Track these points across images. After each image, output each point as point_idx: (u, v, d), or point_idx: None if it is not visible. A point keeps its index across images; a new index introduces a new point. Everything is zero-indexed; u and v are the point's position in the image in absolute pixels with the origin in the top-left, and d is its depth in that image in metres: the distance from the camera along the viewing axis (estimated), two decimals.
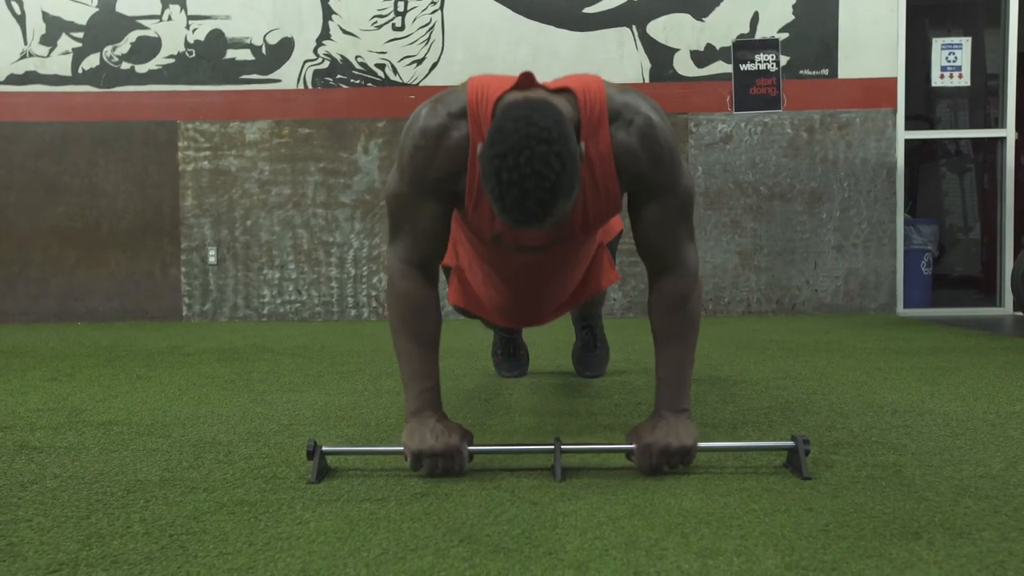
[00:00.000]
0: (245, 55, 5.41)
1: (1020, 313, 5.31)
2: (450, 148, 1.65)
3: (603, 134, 1.63)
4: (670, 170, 1.67)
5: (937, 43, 5.50)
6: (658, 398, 1.73)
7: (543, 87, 1.65)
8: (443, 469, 1.65)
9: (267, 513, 1.44)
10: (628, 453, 1.68)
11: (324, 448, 1.68)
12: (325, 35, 5.40)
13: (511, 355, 2.94)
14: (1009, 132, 5.46)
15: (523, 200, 1.42)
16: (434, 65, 5.40)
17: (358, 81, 5.41)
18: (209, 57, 5.42)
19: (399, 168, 1.71)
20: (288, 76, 5.41)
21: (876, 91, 5.36)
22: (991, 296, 5.74)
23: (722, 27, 5.37)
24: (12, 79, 5.41)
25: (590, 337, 2.91)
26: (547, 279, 2.09)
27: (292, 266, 5.44)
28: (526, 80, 1.63)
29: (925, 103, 6.89)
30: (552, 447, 1.66)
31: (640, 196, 1.70)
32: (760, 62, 5.35)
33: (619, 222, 2.39)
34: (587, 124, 1.61)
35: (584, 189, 1.67)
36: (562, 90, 1.64)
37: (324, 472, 1.68)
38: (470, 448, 1.68)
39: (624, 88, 1.70)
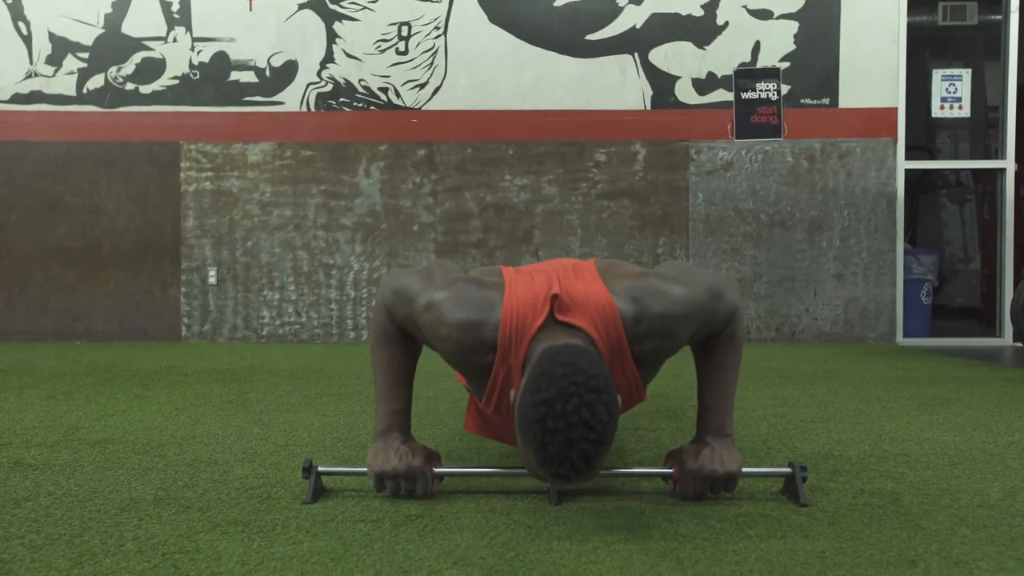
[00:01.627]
0: (249, 77, 5.44)
1: (1019, 344, 5.30)
2: (471, 363, 1.61)
3: (624, 354, 1.60)
4: (697, 315, 1.63)
5: (937, 74, 5.53)
6: (701, 423, 1.71)
7: (562, 323, 1.59)
8: (406, 490, 1.64)
9: (261, 533, 1.43)
10: (666, 478, 1.67)
11: (320, 468, 1.68)
12: (329, 58, 5.44)
13: None
14: (1009, 163, 5.48)
15: (567, 451, 1.33)
16: (437, 89, 5.43)
17: (361, 104, 5.44)
18: (213, 79, 5.45)
19: (419, 305, 1.64)
20: (291, 98, 5.44)
21: (877, 121, 5.38)
22: (991, 327, 5.73)
23: (724, 56, 5.40)
24: (17, 98, 5.44)
25: None
26: None
27: (292, 288, 5.45)
28: (554, 309, 1.58)
29: (925, 133, 6.92)
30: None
31: (686, 343, 1.69)
32: (761, 91, 5.38)
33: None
34: (608, 355, 1.58)
35: None
36: (575, 327, 1.58)
37: (319, 493, 1.67)
38: (437, 470, 1.68)
39: (625, 284, 1.64)
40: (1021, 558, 1.31)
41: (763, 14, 5.39)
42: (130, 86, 5.44)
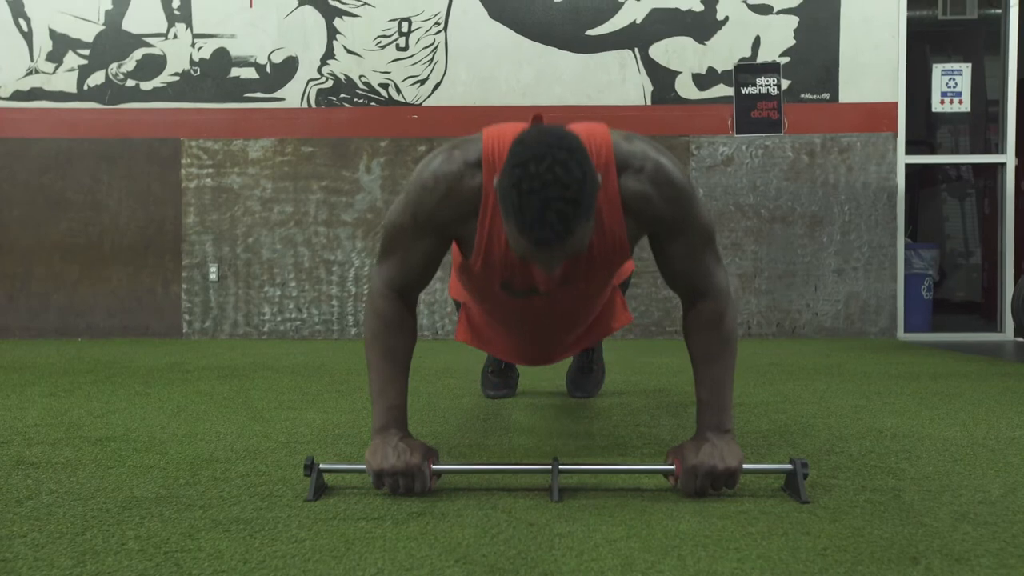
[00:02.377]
0: (249, 73, 5.44)
1: (1021, 339, 5.30)
2: (462, 195, 1.65)
3: (611, 180, 1.63)
4: (688, 207, 1.67)
5: (937, 69, 5.53)
6: (700, 419, 1.72)
7: None
8: (404, 488, 1.65)
9: (263, 531, 1.43)
10: (667, 474, 1.68)
11: (321, 465, 1.68)
12: (329, 55, 5.43)
13: (501, 373, 2.93)
14: (1009, 158, 5.48)
15: (545, 213, 1.40)
16: (437, 85, 5.43)
17: (361, 100, 5.44)
18: (213, 75, 5.45)
19: (405, 202, 1.70)
20: (292, 95, 5.44)
21: (877, 116, 5.38)
22: (992, 321, 5.73)
23: (724, 51, 5.39)
24: (18, 95, 5.44)
25: (587, 359, 2.91)
26: (556, 323, 2.07)
27: (293, 284, 5.45)
28: (537, 121, 1.63)
29: (926, 128, 6.91)
30: (550, 467, 1.66)
31: (661, 236, 1.71)
32: (761, 86, 5.37)
33: (630, 264, 2.38)
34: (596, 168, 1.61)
35: (594, 238, 1.67)
36: None
37: (321, 490, 1.67)
38: (435, 467, 1.68)
39: (629, 135, 1.70)
40: (1023, 554, 1.31)
41: (763, 9, 5.38)
42: (131, 83, 5.44)
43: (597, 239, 1.68)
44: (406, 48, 5.43)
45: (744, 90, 5.38)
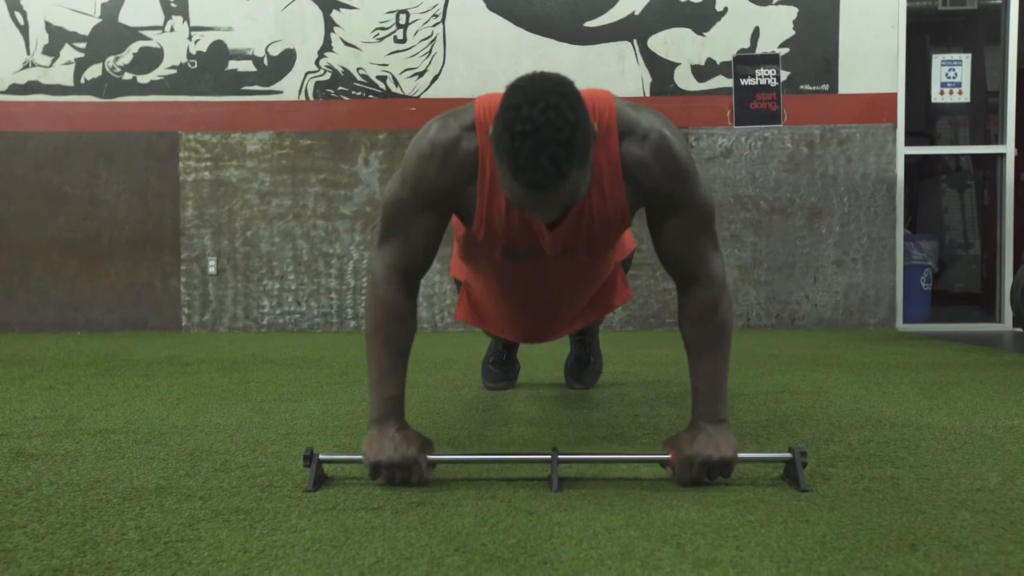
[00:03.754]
0: (247, 66, 5.43)
1: (1019, 329, 5.30)
2: (459, 160, 1.65)
3: (612, 143, 1.63)
4: (686, 183, 1.66)
5: (937, 59, 5.52)
6: (696, 409, 1.72)
7: None
8: (400, 480, 1.65)
9: (263, 521, 1.44)
10: (664, 463, 1.68)
11: (321, 456, 1.68)
12: (327, 47, 5.42)
13: (502, 364, 2.93)
14: (1009, 148, 5.47)
15: (537, 156, 1.40)
16: (435, 78, 5.42)
17: (359, 93, 5.43)
18: (211, 68, 5.44)
19: (402, 176, 1.70)
20: (290, 88, 5.43)
21: (876, 107, 5.37)
22: (991, 312, 5.73)
23: (723, 42, 5.39)
24: (14, 89, 5.43)
25: (585, 351, 2.91)
26: (558, 295, 2.07)
27: (292, 277, 5.45)
28: None
29: (925, 119, 6.91)
30: (549, 456, 1.66)
31: (658, 211, 1.70)
32: (760, 77, 5.36)
33: (632, 241, 2.38)
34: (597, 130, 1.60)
35: (590, 194, 1.66)
36: None
37: (321, 481, 1.67)
38: (431, 457, 1.69)
39: (636, 104, 1.70)
40: (1020, 541, 1.32)
41: (762, 0, 5.37)
42: (128, 76, 5.43)
43: (598, 202, 1.67)
44: (404, 40, 5.42)
45: (743, 81, 5.37)
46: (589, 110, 1.56)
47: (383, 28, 5.42)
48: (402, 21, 5.42)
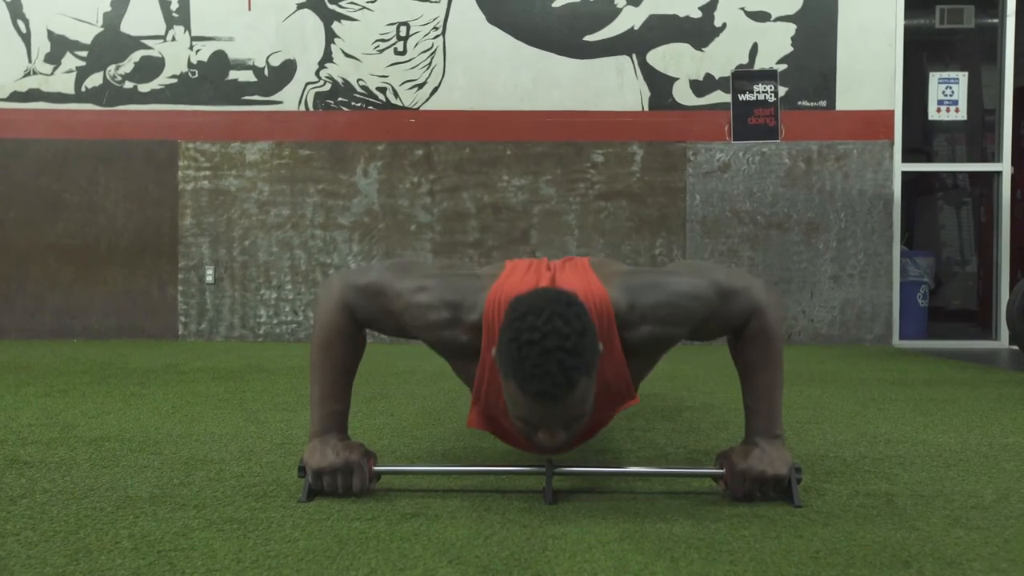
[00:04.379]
0: (247, 76, 5.44)
1: (1015, 347, 5.31)
2: (446, 343, 1.65)
3: (614, 342, 1.61)
4: (699, 309, 1.64)
5: (934, 77, 5.54)
6: (749, 425, 1.70)
7: None
8: (343, 486, 1.65)
9: (256, 531, 1.44)
10: (716, 477, 1.68)
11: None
12: (327, 58, 5.44)
13: None
14: (1005, 166, 5.49)
15: (545, 362, 1.37)
16: (435, 90, 5.44)
17: (359, 104, 5.44)
18: (211, 78, 5.45)
19: (394, 291, 1.68)
20: (289, 98, 5.44)
21: (873, 123, 5.39)
22: (987, 329, 5.74)
23: (721, 57, 5.41)
24: (15, 96, 5.44)
25: None
26: None
27: (289, 287, 5.45)
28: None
29: (922, 136, 6.93)
30: (543, 469, 1.66)
31: (690, 336, 1.70)
32: (759, 92, 5.38)
33: None
34: (599, 333, 1.57)
35: (596, 392, 1.61)
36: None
37: (315, 492, 1.67)
38: (377, 468, 1.69)
39: (618, 276, 1.67)
40: (1014, 559, 1.32)
41: (761, 16, 5.39)
42: (128, 85, 5.44)
43: (601, 393, 1.63)
44: (404, 52, 5.44)
45: (741, 97, 5.39)
46: (591, 312, 1.54)
47: (383, 40, 5.44)
48: (402, 33, 5.44)
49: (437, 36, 5.43)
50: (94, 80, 5.44)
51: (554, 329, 1.38)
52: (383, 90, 5.43)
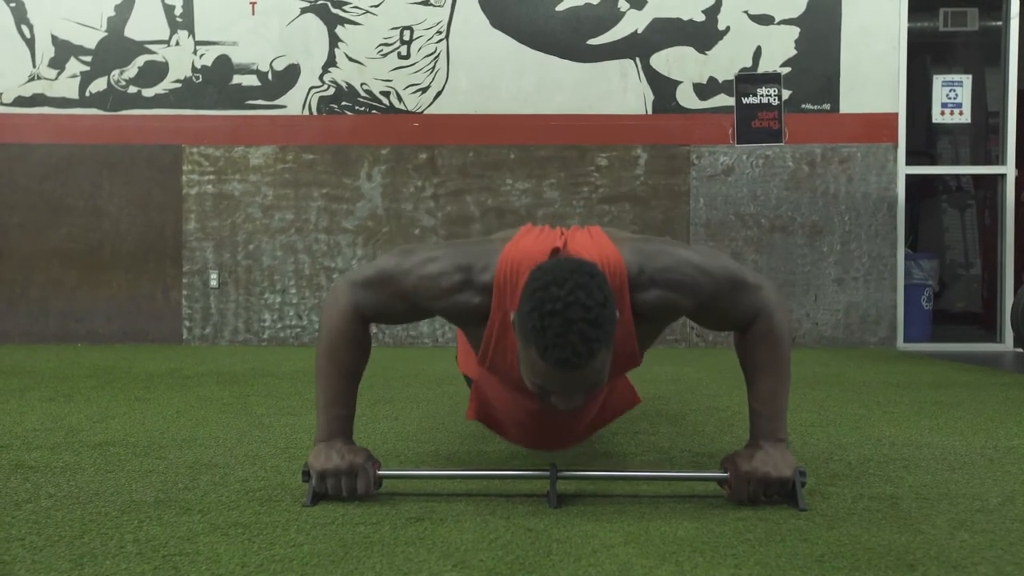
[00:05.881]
0: (251, 81, 5.45)
1: (1020, 349, 5.30)
2: (460, 308, 1.65)
3: (624, 304, 1.61)
4: (706, 285, 1.64)
5: (938, 80, 5.54)
6: (754, 428, 1.70)
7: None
8: (347, 489, 1.65)
9: (261, 535, 1.44)
10: (721, 481, 1.68)
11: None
12: (331, 62, 5.45)
13: None
14: (1009, 169, 5.48)
15: (567, 333, 1.38)
16: (439, 94, 5.44)
17: (363, 108, 5.45)
18: (215, 82, 5.46)
19: (402, 270, 1.68)
20: (293, 102, 5.45)
21: (877, 126, 5.39)
22: (991, 332, 5.73)
23: (725, 60, 5.41)
24: (20, 101, 5.45)
25: None
26: (569, 415, 2.04)
27: (293, 291, 5.45)
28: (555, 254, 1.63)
29: (926, 139, 6.92)
30: (548, 473, 1.66)
31: (693, 316, 1.71)
32: (762, 96, 5.38)
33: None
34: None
35: None
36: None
37: (319, 496, 1.67)
38: (381, 473, 1.69)
39: (629, 241, 1.68)
40: (1020, 562, 1.31)
41: (764, 19, 5.39)
42: (132, 89, 5.45)
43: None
44: (408, 56, 5.45)
45: (745, 100, 5.39)
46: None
47: (387, 44, 5.45)
48: (406, 37, 5.45)
49: (441, 40, 5.43)
50: (98, 85, 5.45)
51: (577, 300, 1.39)
52: (387, 94, 5.44)
